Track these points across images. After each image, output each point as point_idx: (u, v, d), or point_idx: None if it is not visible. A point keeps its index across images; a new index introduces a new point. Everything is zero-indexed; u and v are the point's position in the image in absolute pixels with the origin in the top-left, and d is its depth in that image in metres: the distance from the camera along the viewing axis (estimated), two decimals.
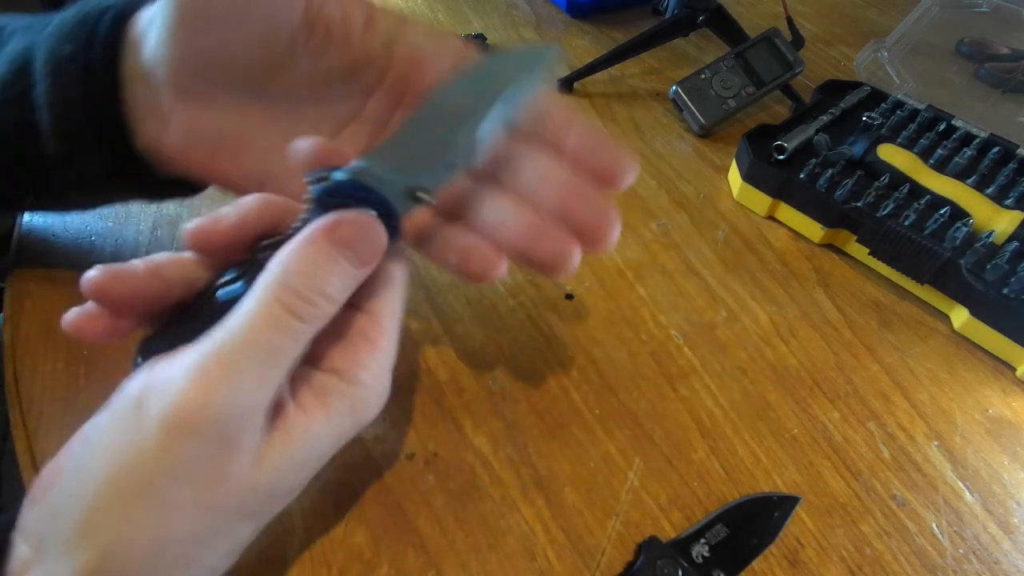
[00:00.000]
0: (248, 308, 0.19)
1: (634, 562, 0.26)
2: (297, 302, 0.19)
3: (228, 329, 0.18)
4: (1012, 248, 0.37)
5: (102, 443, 0.18)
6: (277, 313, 0.18)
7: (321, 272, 0.19)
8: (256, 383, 0.18)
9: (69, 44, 0.25)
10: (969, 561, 0.28)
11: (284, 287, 0.19)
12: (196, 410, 0.17)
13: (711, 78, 0.50)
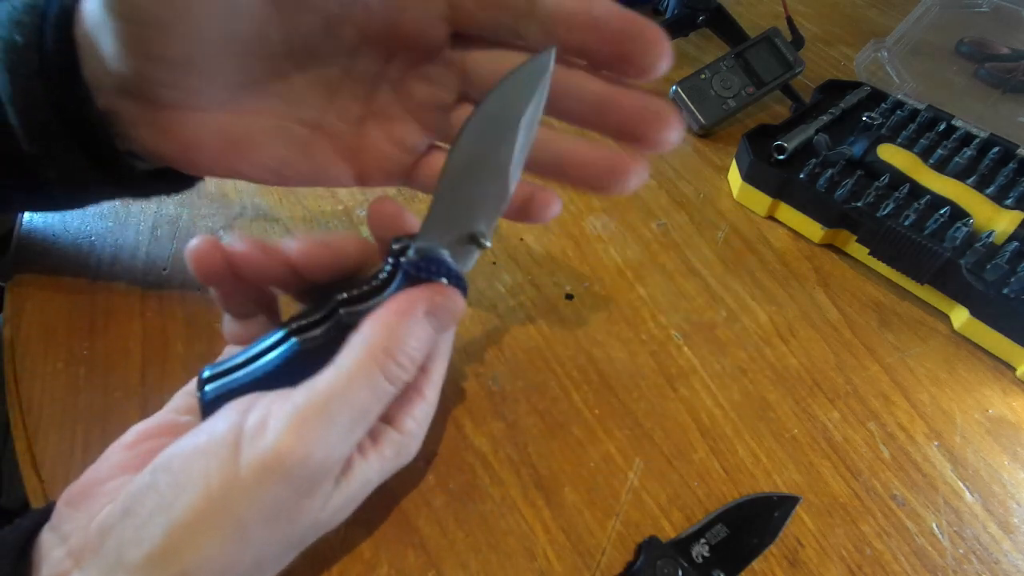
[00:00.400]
0: (347, 366, 0.20)
1: (634, 562, 0.26)
2: (393, 366, 0.20)
3: (327, 383, 0.19)
4: (1012, 248, 0.37)
5: (190, 475, 0.18)
6: (375, 375, 0.20)
7: (414, 340, 0.21)
8: (346, 438, 0.20)
9: (19, 34, 0.22)
10: (969, 561, 0.28)
11: (385, 352, 0.20)
12: (292, 457, 0.18)
13: (711, 78, 0.50)
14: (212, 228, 0.39)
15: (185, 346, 0.32)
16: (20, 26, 0.22)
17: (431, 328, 0.22)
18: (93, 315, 0.33)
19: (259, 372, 0.22)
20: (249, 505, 0.18)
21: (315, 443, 0.18)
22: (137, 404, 0.30)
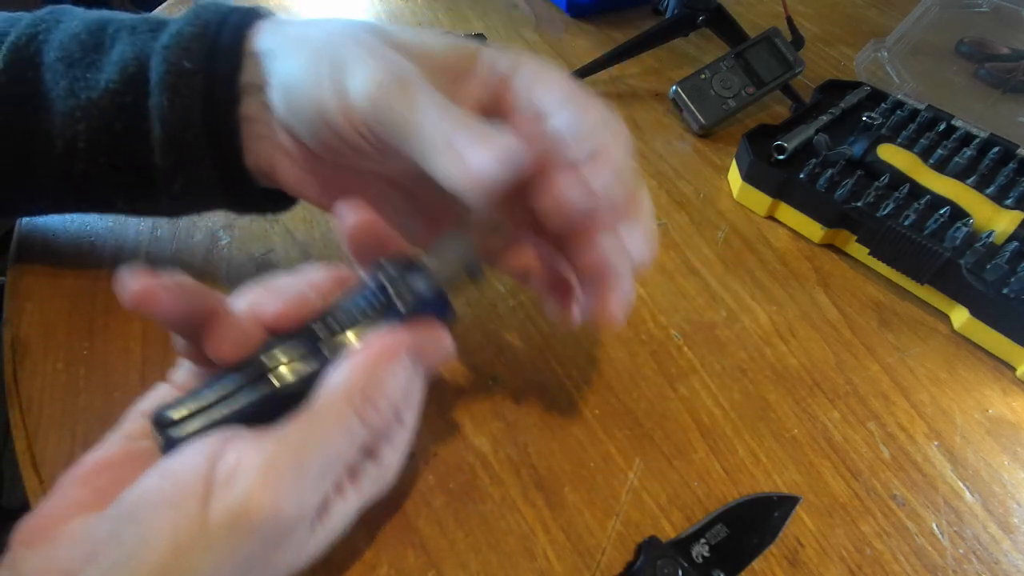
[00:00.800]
0: (322, 411, 0.19)
1: (634, 562, 0.26)
2: (370, 411, 0.20)
3: (300, 430, 0.19)
4: (1012, 248, 0.37)
5: (157, 528, 0.17)
6: (350, 421, 0.19)
7: (395, 384, 0.20)
8: (319, 485, 0.19)
9: (189, 60, 0.25)
10: (969, 561, 0.28)
11: (363, 397, 0.19)
12: (262, 512, 0.17)
13: (711, 78, 0.50)
14: (212, 228, 0.39)
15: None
16: (189, 53, 0.25)
17: (414, 372, 0.21)
18: (93, 315, 0.33)
19: (231, 416, 0.20)
20: (218, 561, 0.17)
21: (286, 496, 0.18)
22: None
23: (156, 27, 0.27)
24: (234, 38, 0.25)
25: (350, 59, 0.22)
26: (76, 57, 0.26)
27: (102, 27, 0.27)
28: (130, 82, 0.26)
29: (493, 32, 0.61)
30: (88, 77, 0.26)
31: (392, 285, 0.21)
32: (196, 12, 0.26)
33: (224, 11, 0.26)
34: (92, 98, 0.26)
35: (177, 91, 0.25)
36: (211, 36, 0.25)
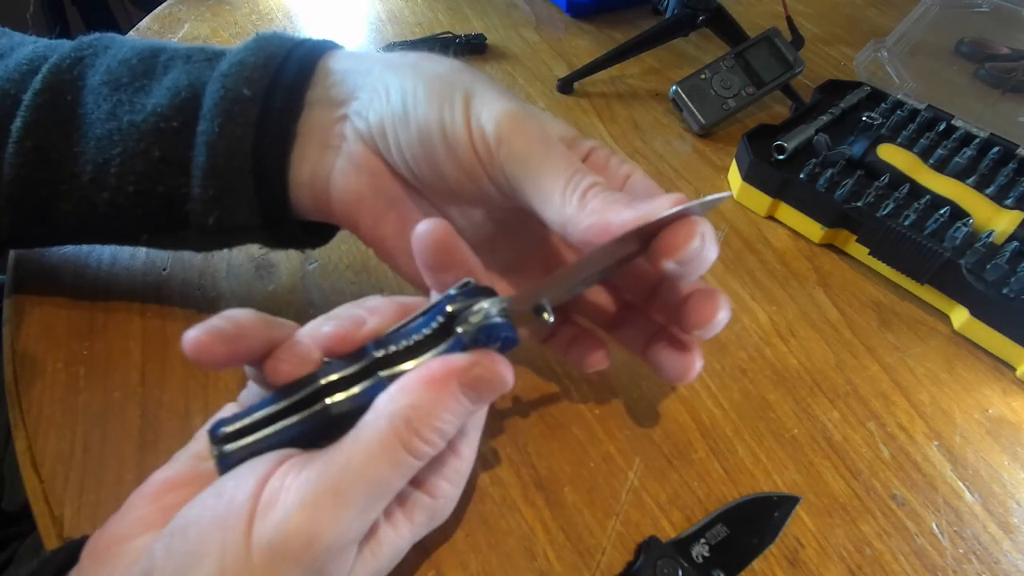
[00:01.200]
0: (367, 439, 0.18)
1: (634, 562, 0.26)
2: (417, 442, 0.19)
3: (344, 458, 0.18)
4: (1012, 248, 0.37)
5: (206, 547, 0.17)
6: (396, 451, 0.18)
7: (446, 413, 0.19)
8: (363, 517, 0.18)
9: (248, 88, 0.24)
10: (969, 561, 0.28)
11: (409, 426, 0.18)
12: (299, 539, 0.17)
13: (711, 78, 0.50)
14: None
15: None
16: (250, 81, 0.24)
17: (468, 402, 0.20)
18: (93, 315, 0.33)
19: (284, 435, 0.20)
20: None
21: (326, 524, 0.17)
22: (137, 404, 0.30)
23: (213, 56, 0.26)
24: (304, 63, 0.25)
25: (477, 87, 0.23)
26: (124, 82, 0.26)
27: (155, 54, 0.27)
28: (181, 108, 0.25)
29: (493, 32, 0.61)
30: (135, 101, 0.25)
31: (454, 310, 0.20)
32: (259, 43, 0.26)
33: (290, 43, 0.26)
34: (135, 121, 0.25)
35: (231, 117, 0.24)
36: (276, 66, 0.25)
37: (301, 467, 0.18)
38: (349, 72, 0.25)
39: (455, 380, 0.19)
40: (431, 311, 0.21)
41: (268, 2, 0.64)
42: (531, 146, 0.22)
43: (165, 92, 0.25)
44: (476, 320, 0.20)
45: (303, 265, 0.37)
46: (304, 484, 0.18)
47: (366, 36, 0.60)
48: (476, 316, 0.20)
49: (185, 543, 0.18)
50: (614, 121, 0.52)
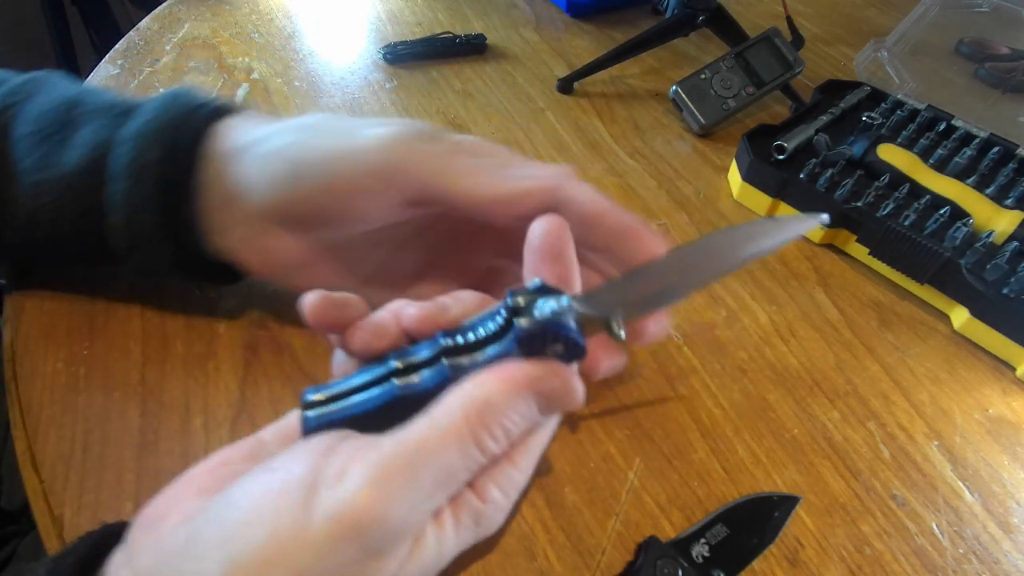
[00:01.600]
0: (438, 425, 0.18)
1: (634, 562, 0.26)
2: (486, 437, 0.19)
3: (418, 437, 0.18)
4: (1012, 248, 0.37)
5: (259, 515, 0.17)
6: (466, 441, 0.18)
7: (516, 416, 0.19)
8: (428, 501, 0.18)
9: (150, 153, 0.26)
10: (969, 561, 0.28)
11: (480, 419, 0.19)
12: (370, 514, 0.17)
13: (711, 78, 0.50)
14: None
15: (185, 346, 0.32)
16: (151, 146, 0.26)
17: (536, 409, 0.20)
18: (93, 315, 0.33)
19: (356, 408, 0.21)
20: (315, 560, 0.17)
21: (396, 501, 0.17)
22: (137, 404, 0.30)
23: (126, 112, 0.28)
24: (196, 135, 0.27)
25: (361, 124, 0.26)
26: (47, 133, 0.28)
27: (75, 105, 0.28)
28: (92, 167, 0.27)
29: (493, 32, 0.61)
30: (55, 154, 0.27)
31: (516, 305, 0.20)
32: (166, 104, 0.28)
33: (193, 105, 0.28)
34: (55, 176, 0.27)
35: (137, 180, 0.26)
36: (173, 130, 0.27)
37: (367, 445, 0.18)
38: (243, 134, 0.27)
39: (529, 386, 0.19)
40: (500, 305, 0.21)
41: (268, 2, 0.64)
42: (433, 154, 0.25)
43: (79, 149, 0.27)
44: (536, 315, 0.20)
45: None
46: (376, 460, 0.18)
47: (366, 36, 0.60)
48: (537, 311, 0.20)
49: (234, 510, 0.18)
50: (614, 121, 0.52)
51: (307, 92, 0.51)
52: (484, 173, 0.25)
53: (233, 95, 0.50)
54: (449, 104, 0.52)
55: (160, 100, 0.28)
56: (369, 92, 0.52)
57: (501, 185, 0.25)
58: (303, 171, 0.25)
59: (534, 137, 0.49)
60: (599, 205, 0.24)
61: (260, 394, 0.31)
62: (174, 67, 0.53)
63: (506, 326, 0.20)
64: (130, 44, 0.56)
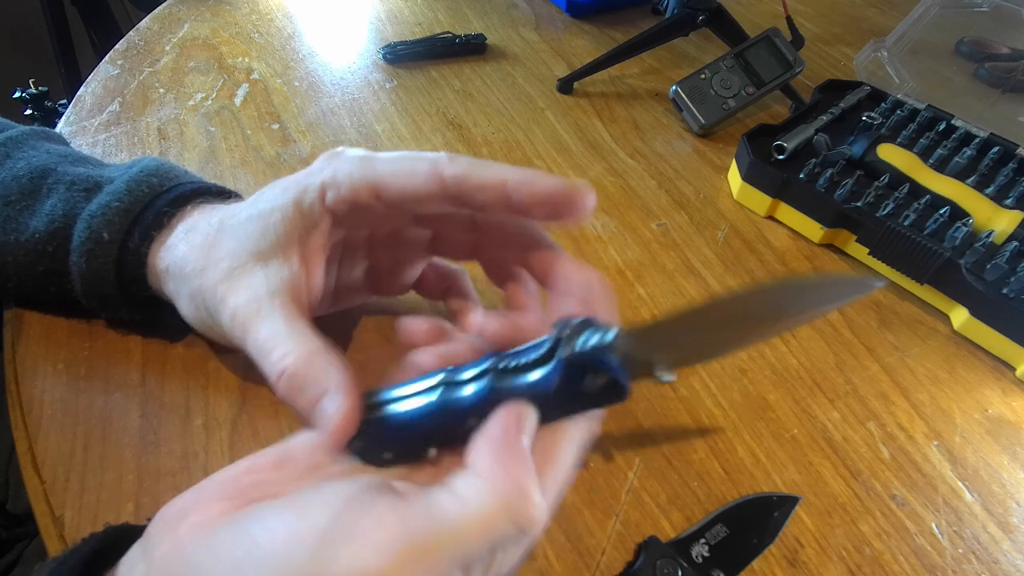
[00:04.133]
0: (470, 509, 0.18)
1: (634, 562, 0.26)
2: (524, 507, 0.18)
3: (443, 518, 0.17)
4: (1012, 248, 0.37)
5: (273, 558, 0.17)
6: (499, 520, 0.18)
7: (531, 482, 0.19)
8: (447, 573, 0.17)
9: (108, 232, 0.27)
10: (968, 561, 0.28)
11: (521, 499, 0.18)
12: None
13: (711, 78, 0.50)
14: None
15: (185, 346, 0.32)
16: (110, 225, 0.28)
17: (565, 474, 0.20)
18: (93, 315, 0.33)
19: (399, 417, 0.21)
20: None
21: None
22: (137, 404, 0.30)
23: (92, 188, 0.29)
24: (152, 225, 0.28)
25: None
26: (13, 199, 0.29)
27: (44, 175, 0.30)
28: (54, 236, 0.28)
29: (493, 32, 0.61)
30: (20, 220, 0.29)
31: (562, 335, 0.20)
32: (130, 185, 0.29)
33: (159, 190, 0.29)
34: (20, 240, 0.29)
35: (94, 256, 0.28)
36: (136, 214, 0.28)
37: (393, 509, 0.17)
38: (201, 225, 0.28)
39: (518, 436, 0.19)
40: (550, 335, 0.21)
41: (268, 2, 0.64)
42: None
43: (44, 218, 0.29)
44: (579, 345, 0.20)
45: None
46: (401, 532, 0.17)
47: (366, 36, 0.60)
48: (581, 341, 0.20)
49: (251, 545, 0.17)
50: (614, 121, 0.52)
51: (307, 92, 0.51)
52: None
53: (233, 95, 0.50)
54: (449, 104, 0.52)
55: (125, 182, 0.29)
56: (369, 92, 0.52)
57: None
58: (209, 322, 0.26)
59: (534, 137, 0.49)
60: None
61: (260, 394, 0.31)
62: (174, 67, 0.53)
63: (550, 354, 0.20)
64: (130, 44, 0.56)
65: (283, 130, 0.47)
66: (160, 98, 0.49)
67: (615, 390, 0.20)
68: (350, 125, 0.48)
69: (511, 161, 0.46)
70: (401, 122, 0.49)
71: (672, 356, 0.21)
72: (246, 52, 0.56)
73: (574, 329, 0.20)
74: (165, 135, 0.46)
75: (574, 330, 0.20)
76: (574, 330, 0.20)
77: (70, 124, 0.46)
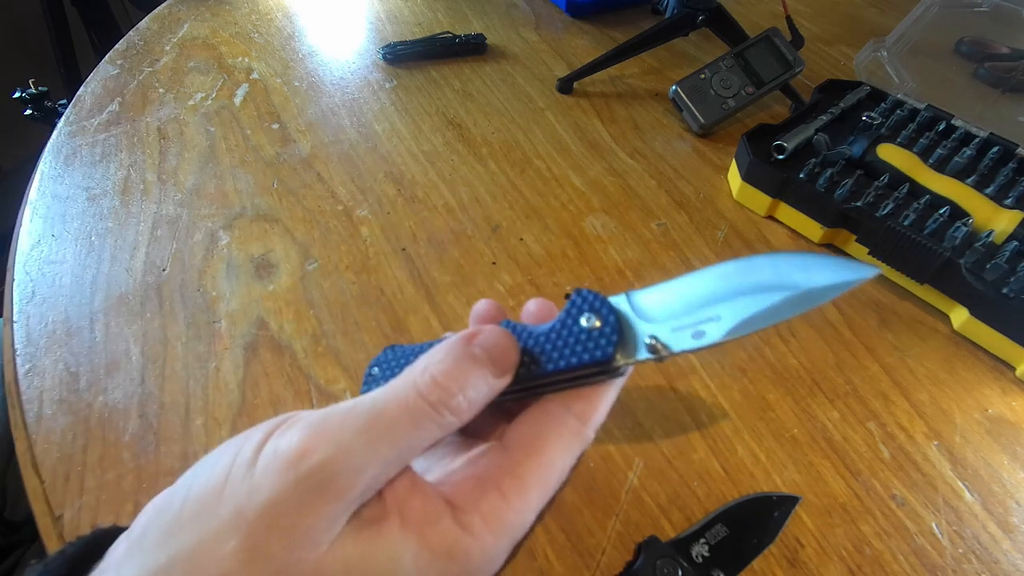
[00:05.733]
0: (386, 387, 0.20)
1: (634, 562, 0.26)
2: (433, 389, 0.19)
3: (363, 398, 0.19)
4: (1012, 248, 0.37)
5: (218, 464, 0.18)
6: (411, 396, 0.19)
7: (460, 370, 0.20)
8: (368, 451, 0.18)
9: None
10: (968, 561, 0.28)
11: (423, 374, 0.19)
12: (301, 450, 0.18)
13: (711, 78, 0.50)
14: (212, 228, 0.39)
15: (185, 346, 0.32)
16: None
17: (480, 365, 0.20)
18: (93, 314, 0.33)
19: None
20: (251, 494, 0.17)
21: (331, 440, 0.18)
22: (137, 404, 0.30)
23: None
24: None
25: None
26: None
27: None
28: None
29: (493, 32, 0.61)
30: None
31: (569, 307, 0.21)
32: None
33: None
34: None
35: None
36: None
37: (320, 411, 0.19)
38: None
39: (462, 341, 0.20)
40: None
41: (268, 2, 0.64)
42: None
43: None
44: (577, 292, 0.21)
45: (303, 265, 0.37)
46: (321, 413, 0.19)
47: (366, 36, 0.60)
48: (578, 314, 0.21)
49: (203, 462, 0.19)
50: (614, 121, 0.52)
51: (307, 92, 0.51)
52: None
53: (233, 95, 0.50)
54: (449, 104, 0.52)
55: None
56: (369, 92, 0.52)
57: None
58: None
59: (533, 137, 0.49)
60: None
61: (260, 394, 0.31)
62: (174, 67, 0.53)
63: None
64: (130, 44, 0.56)
65: (283, 130, 0.47)
66: (160, 98, 0.49)
67: (605, 338, 0.21)
68: (350, 125, 0.48)
69: (511, 161, 0.46)
70: (401, 122, 0.49)
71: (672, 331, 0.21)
72: (246, 52, 0.56)
73: (582, 301, 0.22)
74: (165, 135, 0.46)
75: (581, 303, 0.22)
76: (581, 303, 0.22)
77: (70, 124, 0.46)
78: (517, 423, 0.22)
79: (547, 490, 0.21)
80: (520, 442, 0.21)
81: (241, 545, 0.17)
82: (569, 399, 0.22)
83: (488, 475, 0.20)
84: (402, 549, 0.19)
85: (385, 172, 0.44)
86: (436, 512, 0.19)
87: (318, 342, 0.33)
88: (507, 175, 0.45)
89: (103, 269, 0.36)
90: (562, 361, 0.21)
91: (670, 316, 0.22)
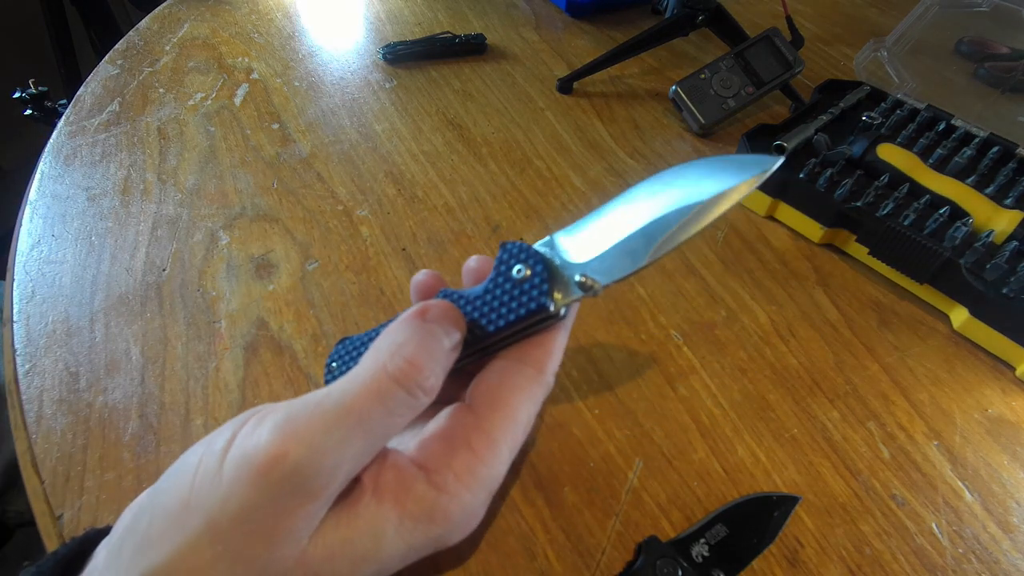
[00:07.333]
0: (350, 376, 0.19)
1: (634, 562, 0.26)
2: (407, 370, 0.19)
3: (329, 389, 0.19)
4: (1012, 248, 0.37)
5: (184, 472, 0.18)
6: (382, 381, 0.19)
7: (426, 348, 0.20)
8: (340, 442, 0.18)
9: None
10: (968, 561, 0.28)
11: (394, 357, 0.19)
12: (270, 456, 0.17)
13: (711, 78, 0.50)
14: (212, 228, 0.39)
15: (185, 346, 0.32)
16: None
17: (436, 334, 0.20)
18: (93, 314, 0.33)
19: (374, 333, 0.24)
20: (223, 504, 0.17)
21: (300, 441, 0.17)
22: (137, 404, 0.30)
23: None
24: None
25: None
26: None
27: None
28: None
29: (493, 32, 0.61)
30: None
31: (498, 263, 0.22)
32: None
33: None
34: None
35: None
36: None
37: (282, 406, 0.19)
38: None
39: (418, 316, 0.20)
40: None
41: (268, 2, 0.64)
42: None
43: None
44: (505, 263, 0.22)
45: (303, 265, 0.37)
46: (284, 411, 0.18)
47: (366, 36, 0.60)
48: (509, 260, 0.22)
49: (171, 472, 0.19)
50: (614, 121, 0.52)
51: (307, 92, 0.51)
52: None
53: (233, 95, 0.50)
54: (448, 104, 0.52)
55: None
56: (369, 92, 0.52)
57: None
58: None
59: (533, 137, 0.49)
60: None
61: (260, 394, 0.31)
62: (174, 67, 0.53)
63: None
64: (130, 44, 0.56)
65: (283, 130, 0.47)
66: (160, 98, 0.49)
67: (536, 288, 0.21)
68: (350, 125, 0.48)
69: (511, 161, 0.46)
70: (401, 122, 0.49)
71: (601, 266, 0.21)
72: (246, 52, 0.56)
73: (512, 251, 0.22)
74: (165, 135, 0.46)
75: (511, 253, 0.22)
76: (511, 253, 0.22)
77: (70, 124, 0.46)
78: (477, 381, 0.22)
79: (515, 440, 0.21)
80: (483, 399, 0.21)
81: (219, 554, 0.17)
82: (523, 351, 0.22)
83: (456, 434, 0.21)
84: (382, 523, 0.19)
85: (385, 172, 0.44)
86: (410, 479, 0.19)
87: (318, 342, 0.33)
88: (507, 175, 0.45)
89: (103, 269, 0.36)
90: (502, 320, 0.21)
91: (595, 250, 0.22)
